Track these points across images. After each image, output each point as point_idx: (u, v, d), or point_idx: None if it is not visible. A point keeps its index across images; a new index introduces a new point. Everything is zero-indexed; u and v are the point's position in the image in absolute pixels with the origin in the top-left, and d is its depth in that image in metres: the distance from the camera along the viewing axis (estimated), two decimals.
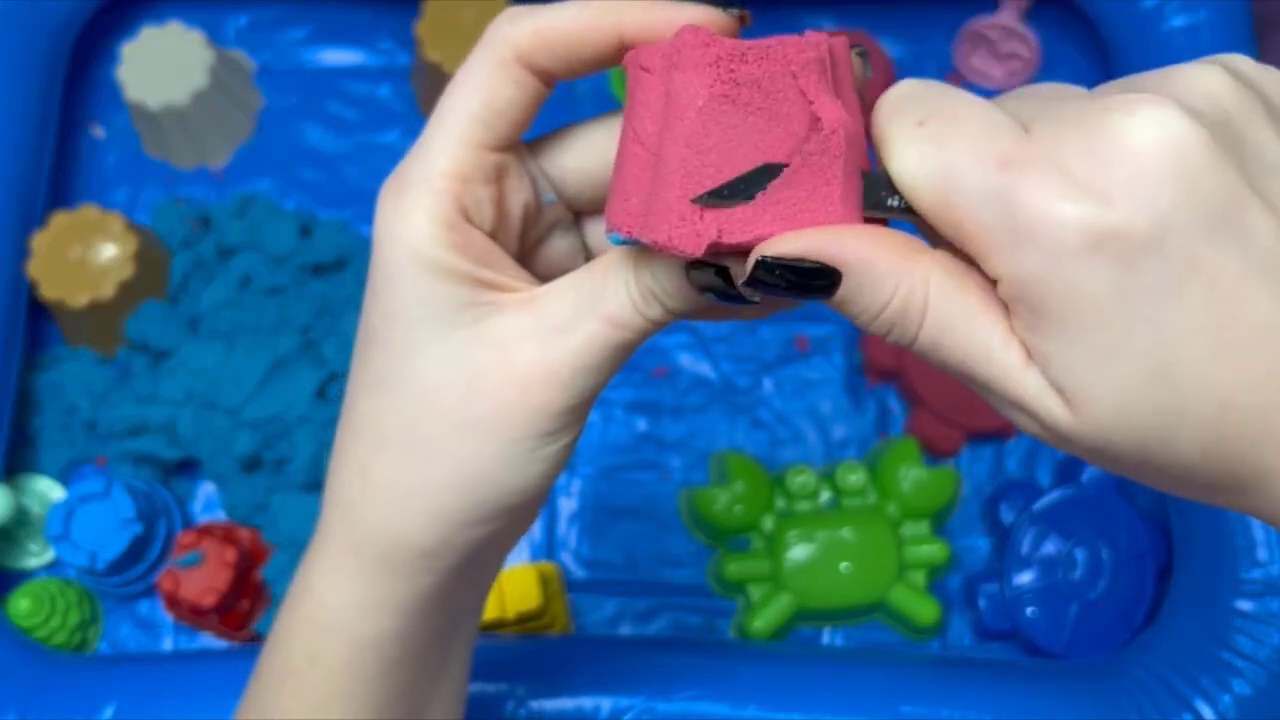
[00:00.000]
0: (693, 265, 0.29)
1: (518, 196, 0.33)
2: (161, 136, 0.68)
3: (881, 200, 0.28)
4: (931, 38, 0.72)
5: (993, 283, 0.27)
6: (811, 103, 0.28)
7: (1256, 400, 0.26)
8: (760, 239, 0.28)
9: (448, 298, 0.31)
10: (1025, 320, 0.27)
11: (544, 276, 0.34)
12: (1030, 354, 0.27)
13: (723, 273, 0.29)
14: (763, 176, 0.28)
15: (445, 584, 0.34)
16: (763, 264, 0.28)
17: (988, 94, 0.32)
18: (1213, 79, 0.27)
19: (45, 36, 0.66)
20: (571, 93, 0.70)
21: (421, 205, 0.31)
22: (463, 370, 0.31)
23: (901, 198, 0.28)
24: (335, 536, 0.35)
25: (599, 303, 0.31)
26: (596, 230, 0.36)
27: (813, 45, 0.28)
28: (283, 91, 0.71)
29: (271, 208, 0.67)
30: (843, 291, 0.28)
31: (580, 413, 0.32)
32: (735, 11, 0.30)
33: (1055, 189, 0.25)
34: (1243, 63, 0.28)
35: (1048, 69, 0.71)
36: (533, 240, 0.35)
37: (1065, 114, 0.27)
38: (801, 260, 0.28)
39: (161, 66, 0.66)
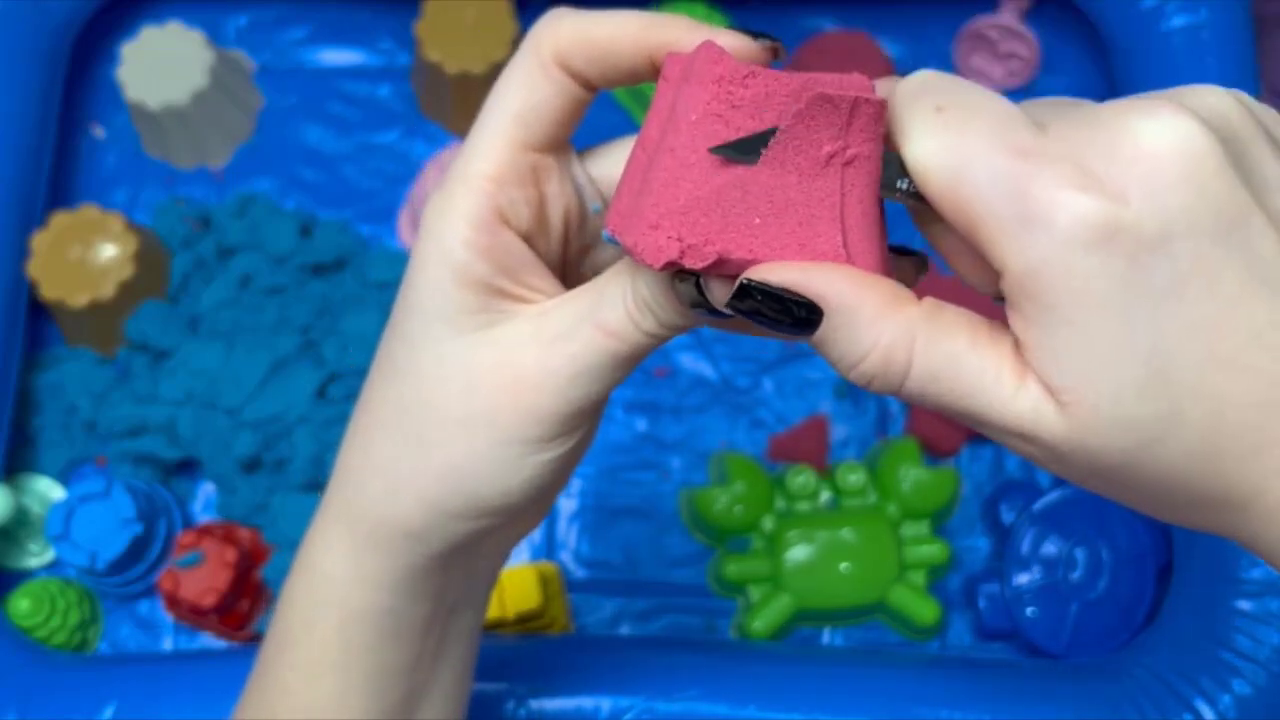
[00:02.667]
0: (678, 278, 0.29)
1: (558, 200, 0.34)
2: (161, 136, 0.68)
3: (891, 182, 0.28)
4: (931, 38, 0.72)
5: (996, 277, 0.27)
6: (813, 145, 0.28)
7: (1250, 410, 0.26)
8: (723, 260, 0.28)
9: (462, 301, 0.32)
10: (1028, 314, 0.27)
11: None
12: (1029, 352, 0.27)
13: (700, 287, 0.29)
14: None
15: (431, 567, 0.35)
16: (747, 288, 0.28)
17: None
18: (1221, 98, 0.27)
19: (45, 36, 0.66)
20: None
21: (459, 207, 0.32)
22: (464, 369, 0.32)
23: (911, 181, 0.28)
24: (333, 509, 0.36)
25: (597, 311, 0.31)
26: None
27: (833, 86, 0.28)
28: (283, 91, 0.71)
29: (271, 208, 0.67)
30: (822, 332, 0.28)
31: (574, 423, 0.33)
32: (767, 42, 0.30)
33: (1070, 180, 0.26)
34: (1243, 94, 0.29)
35: (1047, 69, 0.71)
36: (577, 248, 0.36)
37: (1082, 115, 0.27)
38: (786, 291, 0.28)
39: (161, 66, 0.66)
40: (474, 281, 0.32)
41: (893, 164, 0.28)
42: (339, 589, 0.35)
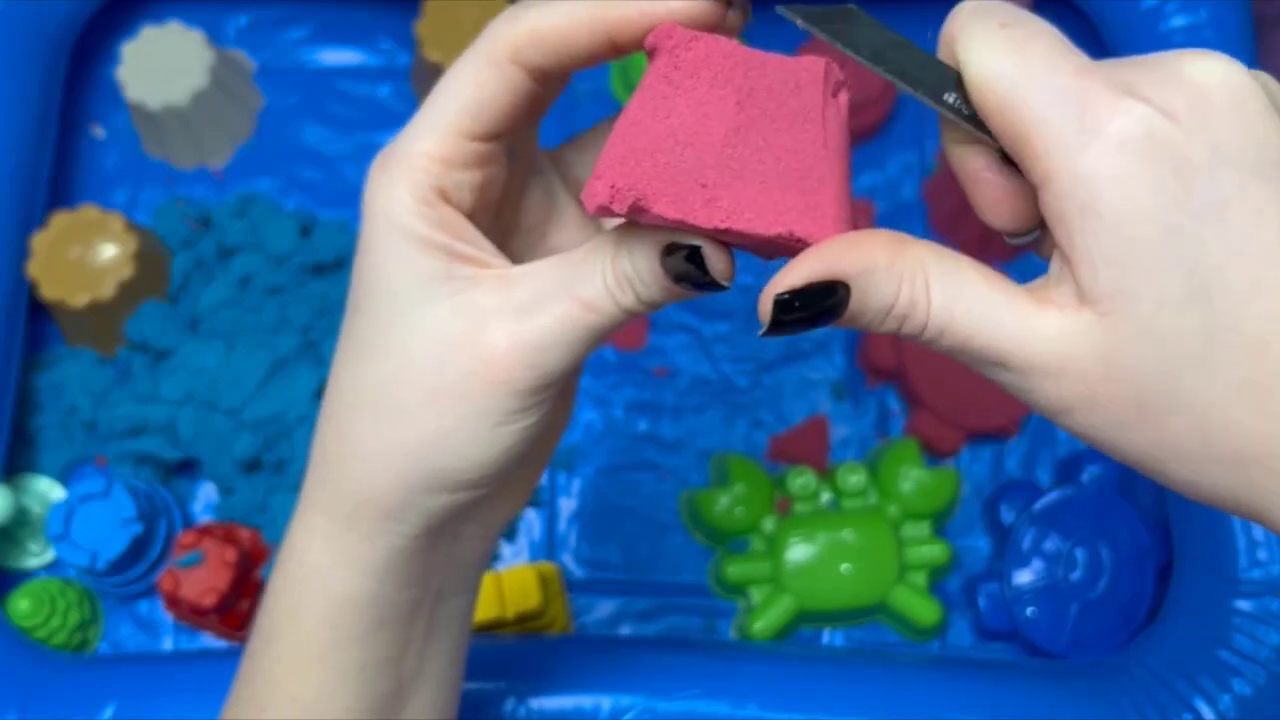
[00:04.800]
0: (667, 251, 0.30)
1: (501, 183, 0.34)
2: (161, 136, 0.68)
3: (939, 93, 0.30)
4: (932, 37, 0.71)
5: (1033, 192, 0.28)
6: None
7: None
8: (643, 204, 0.29)
9: (427, 269, 0.32)
10: (1074, 222, 0.27)
11: None
12: (1073, 261, 0.28)
13: (695, 258, 0.29)
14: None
15: (413, 549, 0.35)
16: (780, 302, 0.29)
17: None
18: (1257, 72, 0.29)
19: (45, 36, 0.66)
20: (572, 93, 0.70)
21: (401, 183, 0.32)
22: (437, 339, 0.32)
23: (959, 96, 0.29)
24: (311, 497, 0.36)
25: (574, 284, 0.31)
26: None
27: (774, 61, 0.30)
28: (283, 91, 0.71)
29: (271, 208, 0.67)
30: (854, 303, 0.29)
31: (545, 394, 0.33)
32: None
33: (1127, 92, 0.27)
34: None
35: None
36: (526, 230, 0.36)
37: (1132, 58, 0.29)
38: (809, 285, 0.29)
39: (161, 66, 0.66)
40: (432, 245, 0.32)
41: (942, 75, 0.30)
42: (322, 578, 0.35)
